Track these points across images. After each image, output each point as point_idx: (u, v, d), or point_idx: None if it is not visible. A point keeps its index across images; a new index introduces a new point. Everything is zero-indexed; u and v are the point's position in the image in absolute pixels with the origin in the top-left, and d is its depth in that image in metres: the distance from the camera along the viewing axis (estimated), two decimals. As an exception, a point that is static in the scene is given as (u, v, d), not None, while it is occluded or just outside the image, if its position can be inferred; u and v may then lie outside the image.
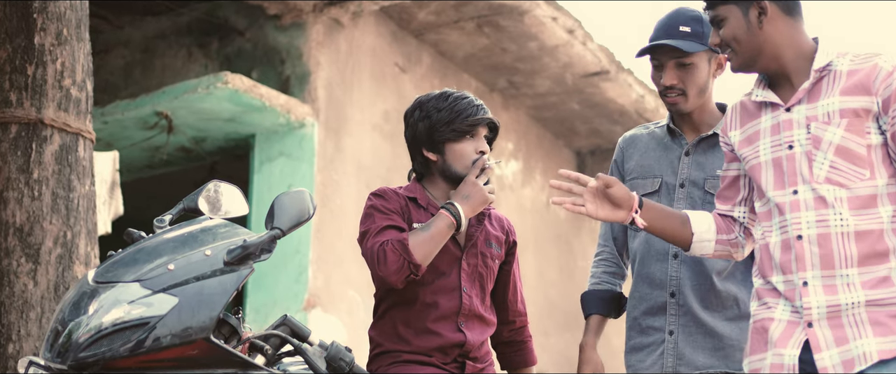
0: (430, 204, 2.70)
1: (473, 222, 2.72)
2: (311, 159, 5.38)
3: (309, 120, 5.39)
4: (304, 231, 5.31)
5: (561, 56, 6.25)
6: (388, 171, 5.82)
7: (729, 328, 2.74)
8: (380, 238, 2.56)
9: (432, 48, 6.20)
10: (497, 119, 2.75)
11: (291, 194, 2.15)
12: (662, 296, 2.77)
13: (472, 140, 2.70)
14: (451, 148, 2.70)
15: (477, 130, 2.70)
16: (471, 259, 2.68)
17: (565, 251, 7.24)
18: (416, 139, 2.75)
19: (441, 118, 2.71)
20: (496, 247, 2.73)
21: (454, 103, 2.70)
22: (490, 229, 2.74)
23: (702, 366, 2.73)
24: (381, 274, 2.50)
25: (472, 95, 2.75)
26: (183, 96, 5.14)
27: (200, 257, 2.05)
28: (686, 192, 2.77)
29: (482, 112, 2.70)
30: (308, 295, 5.24)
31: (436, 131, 2.70)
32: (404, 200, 2.70)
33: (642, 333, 2.80)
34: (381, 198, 2.69)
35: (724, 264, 2.76)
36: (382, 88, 5.88)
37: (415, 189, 2.74)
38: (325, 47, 5.57)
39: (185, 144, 5.67)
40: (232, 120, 5.40)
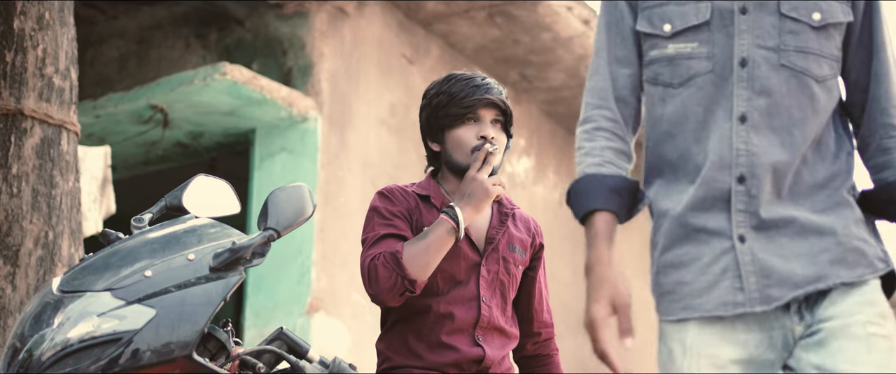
0: (444, 203, 2.44)
1: (495, 223, 2.45)
2: (314, 155, 5.11)
3: (312, 114, 5.13)
4: (307, 231, 5.05)
5: (576, 48, 5.98)
6: (395, 167, 5.55)
7: (831, 220, 1.75)
8: (374, 250, 2.30)
9: (441, 39, 5.93)
10: (500, 98, 2.46)
11: (288, 189, 1.88)
12: (725, 180, 1.76)
13: (474, 125, 2.43)
14: (451, 135, 2.44)
15: (477, 112, 2.43)
16: (491, 265, 2.40)
17: (578, 251, 6.96)
18: (422, 130, 2.50)
19: (439, 103, 2.45)
20: (520, 251, 2.46)
21: (452, 85, 2.44)
22: (513, 231, 2.47)
23: (803, 279, 1.72)
24: (371, 292, 2.24)
25: (480, 75, 2.48)
26: (179, 89, 4.87)
27: (183, 262, 1.79)
28: (751, 20, 1.79)
29: (481, 92, 2.42)
30: (311, 298, 4.97)
31: (434, 118, 2.45)
32: (415, 199, 2.43)
33: (690, 239, 1.82)
34: (385, 199, 2.41)
35: None
36: (389, 81, 5.61)
37: (428, 186, 2.47)
38: (329, 38, 5.31)
39: (181, 140, 5.40)
40: (231, 114, 5.14)
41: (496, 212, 2.49)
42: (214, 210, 2.03)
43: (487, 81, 2.47)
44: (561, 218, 6.83)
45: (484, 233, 2.43)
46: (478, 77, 2.47)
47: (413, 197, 2.43)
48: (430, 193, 2.45)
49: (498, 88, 2.49)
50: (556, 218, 6.76)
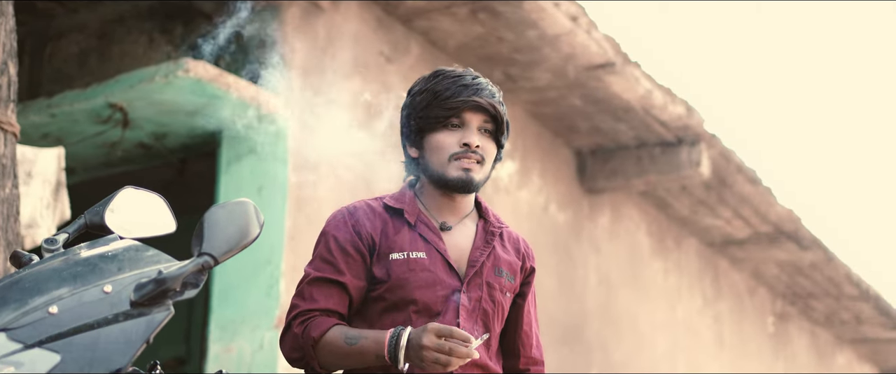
0: (420, 221, 2.13)
1: (479, 243, 2.14)
2: (284, 158, 4.79)
3: (282, 113, 4.80)
4: (277, 239, 4.73)
5: (563, 46, 5.67)
6: (372, 172, 5.22)
7: None
8: (300, 301, 2.06)
9: (421, 36, 5.62)
10: (491, 102, 2.16)
11: (229, 207, 1.56)
12: None
13: (457, 130, 2.13)
14: (430, 139, 2.16)
15: (463, 115, 2.13)
16: (473, 292, 2.10)
17: (564, 259, 6.67)
18: (401, 131, 2.23)
19: (421, 101, 2.15)
20: (508, 276, 2.15)
21: (438, 82, 2.14)
22: (500, 253, 2.16)
23: None
24: (279, 346, 2.02)
25: (471, 73, 2.18)
26: (139, 86, 4.54)
27: (97, 295, 1.47)
28: None
29: (469, 92, 2.12)
30: (280, 312, 4.65)
31: (414, 119, 2.17)
32: (383, 217, 2.12)
33: None
34: (342, 224, 2.12)
35: None
36: (366, 80, 5.29)
37: (404, 198, 2.17)
38: (302, 33, 4.99)
39: (144, 140, 5.07)
40: (196, 113, 4.81)
41: (481, 230, 2.19)
42: (144, 229, 1.72)
43: (478, 81, 2.17)
44: (546, 225, 6.53)
45: (465, 255, 2.13)
46: (468, 75, 2.17)
47: (381, 215, 2.12)
48: (405, 207, 2.14)
49: (491, 89, 2.18)
50: (540, 225, 6.46)
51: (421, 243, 2.11)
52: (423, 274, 2.07)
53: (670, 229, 7.80)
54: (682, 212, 7.67)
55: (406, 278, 2.07)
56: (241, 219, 1.56)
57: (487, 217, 2.22)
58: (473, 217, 2.22)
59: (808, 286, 9.06)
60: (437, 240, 2.13)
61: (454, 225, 2.17)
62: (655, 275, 7.61)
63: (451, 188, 2.15)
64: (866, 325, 9.94)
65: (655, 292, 7.59)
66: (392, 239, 2.10)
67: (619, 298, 7.19)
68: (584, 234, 6.91)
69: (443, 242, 2.13)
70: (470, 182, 2.13)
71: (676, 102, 6.32)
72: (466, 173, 2.13)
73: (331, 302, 2.03)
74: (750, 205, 7.51)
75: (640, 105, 6.27)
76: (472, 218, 2.22)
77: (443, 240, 2.14)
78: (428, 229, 2.14)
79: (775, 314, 9.35)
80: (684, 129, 6.53)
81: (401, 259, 2.08)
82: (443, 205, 2.17)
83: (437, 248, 2.11)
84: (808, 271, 8.65)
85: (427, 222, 2.15)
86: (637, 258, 7.41)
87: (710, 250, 8.30)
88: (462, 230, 2.18)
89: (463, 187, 2.13)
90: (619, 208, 7.27)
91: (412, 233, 2.12)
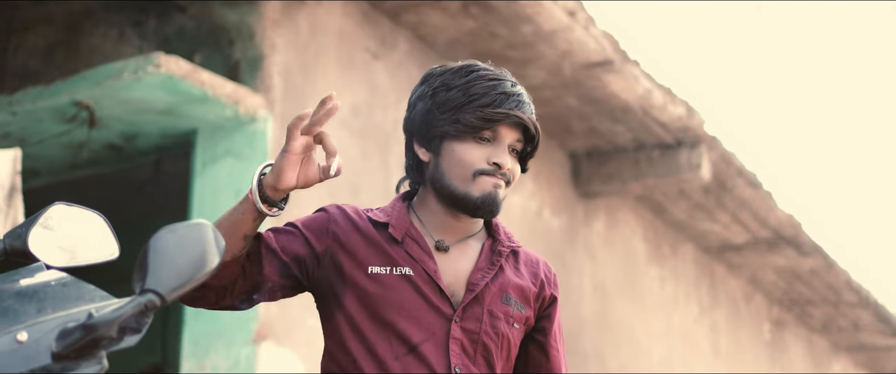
0: (410, 235, 1.81)
1: (482, 264, 1.83)
2: (262, 160, 4.46)
3: (261, 113, 4.49)
4: (254, 247, 4.40)
5: (559, 43, 5.37)
6: (358, 175, 4.92)
7: None
8: None
9: (410, 31, 5.31)
10: (532, 120, 1.86)
11: (180, 231, 1.25)
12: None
13: (486, 145, 1.81)
14: (450, 148, 1.81)
15: (497, 130, 1.81)
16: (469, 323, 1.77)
17: (559, 267, 6.37)
18: (410, 127, 1.87)
19: (448, 100, 1.82)
20: (518, 304, 1.83)
21: (473, 82, 1.81)
22: (511, 276, 1.84)
23: None
24: None
25: (509, 78, 1.87)
26: (105, 83, 4.21)
27: (9, 345, 1.15)
28: None
29: (511, 104, 1.80)
30: (258, 325, 4.33)
31: (435, 118, 1.81)
32: (363, 226, 1.81)
33: None
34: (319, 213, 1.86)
35: None
36: (350, 77, 4.98)
37: (393, 211, 1.84)
38: (283, 27, 4.67)
39: (113, 141, 4.74)
40: (168, 112, 4.48)
41: (486, 249, 1.87)
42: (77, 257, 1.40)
43: (519, 91, 1.86)
44: (539, 231, 6.23)
45: (463, 277, 1.80)
46: (507, 81, 1.85)
47: (361, 223, 1.81)
48: (392, 220, 1.83)
49: (530, 103, 1.88)
50: (533, 231, 6.16)
51: (406, 260, 1.80)
52: (403, 294, 1.76)
53: (666, 235, 7.52)
54: (679, 217, 7.40)
55: (381, 297, 1.76)
56: (196, 246, 1.24)
57: (497, 234, 1.90)
58: (480, 237, 1.89)
59: (807, 293, 8.81)
60: (425, 258, 1.81)
61: (453, 244, 1.85)
62: (652, 282, 7.33)
63: (469, 209, 1.81)
64: (864, 332, 9.71)
65: (652, 300, 7.32)
66: (375, 252, 1.79)
67: (615, 306, 6.91)
68: (579, 240, 6.61)
69: (433, 261, 1.81)
70: (496, 203, 1.81)
71: (676, 103, 6.03)
72: (492, 197, 1.80)
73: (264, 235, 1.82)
74: (749, 210, 7.24)
75: (638, 105, 5.98)
76: (478, 238, 1.89)
77: (434, 259, 1.82)
78: (416, 246, 1.82)
79: (772, 321, 9.10)
80: (684, 130, 6.24)
81: (382, 274, 1.78)
82: (444, 224, 1.85)
83: (424, 267, 1.79)
84: (807, 277, 8.40)
85: (418, 237, 1.83)
86: (633, 265, 7.13)
87: (706, 256, 8.03)
88: (463, 251, 1.85)
89: (488, 209, 1.80)
90: (614, 212, 6.98)
91: (396, 248, 1.80)
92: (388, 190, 4.97)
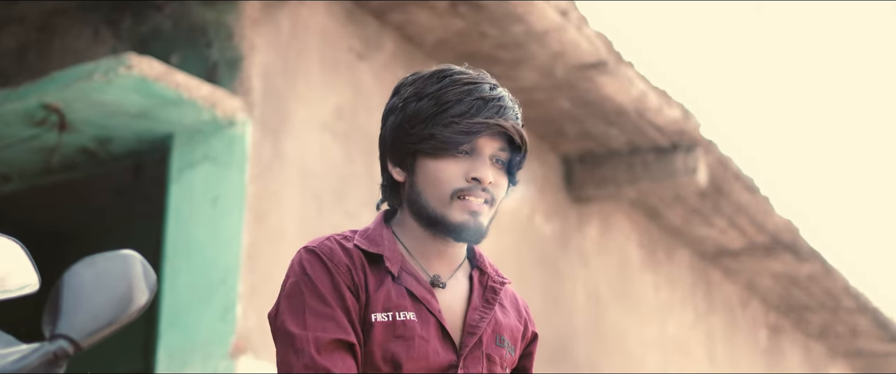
0: (405, 269, 1.61)
1: (478, 303, 1.63)
2: (241, 165, 4.28)
3: (240, 116, 4.30)
4: (232, 257, 4.22)
5: (551, 43, 5.19)
6: (341, 180, 4.73)
7: None
8: (319, 358, 1.50)
9: (396, 31, 5.12)
10: (516, 126, 1.67)
11: (100, 264, 1.06)
12: None
13: (464, 159, 1.61)
14: (425, 166, 1.62)
15: (475, 142, 1.62)
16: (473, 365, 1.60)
17: (551, 274, 6.19)
18: (382, 144, 1.68)
19: (419, 111, 1.62)
20: (509, 346, 1.65)
21: (445, 89, 1.62)
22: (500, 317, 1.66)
23: None
24: None
25: (487, 81, 1.67)
26: (76, 85, 4.02)
27: None
28: None
29: (490, 111, 1.60)
30: (236, 338, 4.15)
31: (405, 133, 1.62)
32: (359, 260, 1.60)
33: None
34: (320, 264, 1.58)
35: None
36: (334, 79, 4.79)
37: (380, 237, 1.64)
38: (263, 27, 4.48)
39: (87, 145, 4.55)
40: (142, 116, 4.29)
41: (478, 285, 1.68)
42: (-12, 291, 1.22)
43: (499, 95, 1.66)
44: (531, 237, 6.05)
45: (459, 317, 1.62)
46: (485, 83, 1.66)
47: (357, 256, 1.60)
48: (384, 250, 1.62)
49: (514, 106, 1.69)
50: (525, 237, 5.98)
51: (408, 301, 1.59)
52: (414, 342, 1.55)
53: (661, 240, 7.35)
54: (675, 222, 7.23)
55: (393, 349, 1.55)
56: (119, 283, 1.06)
57: (484, 268, 1.71)
58: (466, 269, 1.70)
59: (804, 299, 8.65)
60: (429, 297, 1.61)
61: (447, 279, 1.66)
62: (646, 289, 7.16)
63: (450, 234, 1.62)
64: (862, 338, 9.57)
65: (646, 307, 7.14)
66: (372, 295, 1.57)
67: (609, 314, 6.73)
68: (572, 246, 6.44)
69: (436, 300, 1.61)
70: (478, 230, 1.60)
71: (672, 106, 5.85)
72: (474, 219, 1.60)
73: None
74: (746, 214, 7.08)
75: (633, 108, 5.80)
76: (464, 270, 1.70)
77: (436, 298, 1.62)
78: (416, 282, 1.61)
79: (768, 327, 8.95)
80: (680, 134, 6.07)
81: (385, 322, 1.56)
82: (431, 251, 1.65)
83: (429, 308, 1.59)
84: (804, 282, 8.24)
85: (413, 271, 1.63)
86: (627, 272, 6.96)
87: (702, 262, 7.87)
88: (455, 286, 1.66)
89: (468, 235, 1.61)
90: (608, 218, 6.81)
91: (396, 286, 1.59)
92: (374, 196, 4.77)
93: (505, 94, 1.65)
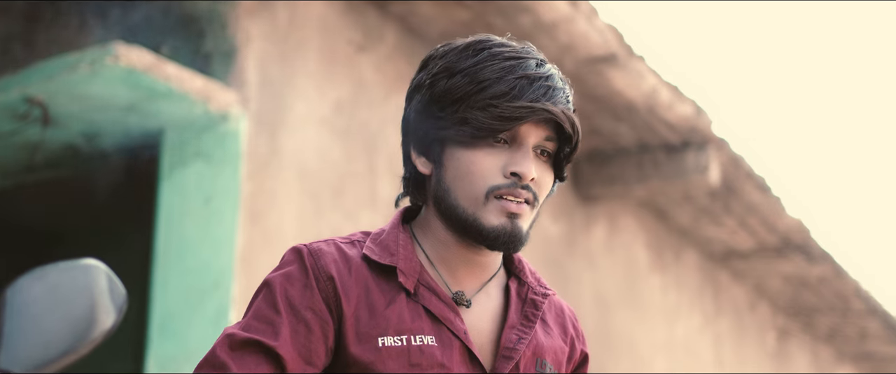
0: (423, 282, 1.35)
1: (515, 320, 1.38)
2: (236, 162, 4.05)
3: (234, 111, 4.07)
4: (226, 259, 3.99)
5: (560, 35, 4.97)
6: (341, 179, 4.51)
7: None
8: (221, 352, 1.29)
9: (398, 22, 4.90)
10: (567, 112, 1.41)
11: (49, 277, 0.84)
12: None
13: (501, 149, 1.36)
14: (455, 157, 1.36)
15: (517, 130, 1.35)
16: None
17: (559, 277, 5.98)
18: (405, 128, 1.42)
19: (451, 90, 1.35)
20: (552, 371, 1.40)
21: (482, 65, 1.38)
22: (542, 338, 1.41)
23: None
24: None
25: (534, 55, 1.44)
26: (59, 77, 3.79)
27: None
28: None
29: (536, 93, 1.34)
30: (229, 345, 3.91)
31: (433, 116, 1.37)
32: (360, 271, 1.34)
33: None
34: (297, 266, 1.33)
35: None
36: (333, 72, 4.57)
37: (395, 243, 1.38)
38: (259, 17, 4.26)
39: (72, 141, 4.32)
40: (131, 109, 4.07)
41: (516, 298, 1.42)
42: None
43: (548, 72, 1.43)
44: (536, 238, 5.83)
45: (490, 337, 1.37)
46: (532, 59, 1.42)
47: (359, 270, 1.35)
48: (398, 261, 1.36)
49: (564, 87, 1.45)
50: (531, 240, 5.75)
51: (427, 322, 1.35)
52: (432, 371, 1.31)
53: (669, 241, 7.14)
54: (683, 222, 7.01)
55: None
56: (77, 302, 0.83)
57: (523, 276, 1.47)
58: (500, 279, 1.46)
59: (814, 301, 8.44)
60: (451, 316, 1.36)
61: (474, 295, 1.41)
62: (654, 292, 6.94)
63: (482, 241, 1.38)
64: (871, 340, 9.37)
65: (654, 310, 6.93)
66: (380, 314, 1.32)
67: (616, 316, 6.52)
68: (579, 247, 6.22)
69: (461, 319, 1.37)
70: (516, 237, 1.36)
71: (684, 102, 5.64)
72: (512, 223, 1.36)
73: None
74: (757, 215, 6.86)
75: (643, 104, 5.58)
76: (498, 281, 1.46)
77: (461, 317, 1.37)
78: (436, 298, 1.37)
79: (776, 329, 8.75)
80: (691, 131, 5.85)
81: (397, 347, 1.31)
82: (457, 259, 1.40)
83: (452, 329, 1.35)
84: (815, 285, 8.03)
85: (433, 286, 1.38)
86: (635, 274, 6.74)
87: (710, 263, 7.66)
88: (485, 301, 1.42)
89: (504, 243, 1.37)
90: (616, 218, 6.59)
91: (411, 304, 1.35)
92: (375, 195, 4.57)
93: (554, 72, 1.41)
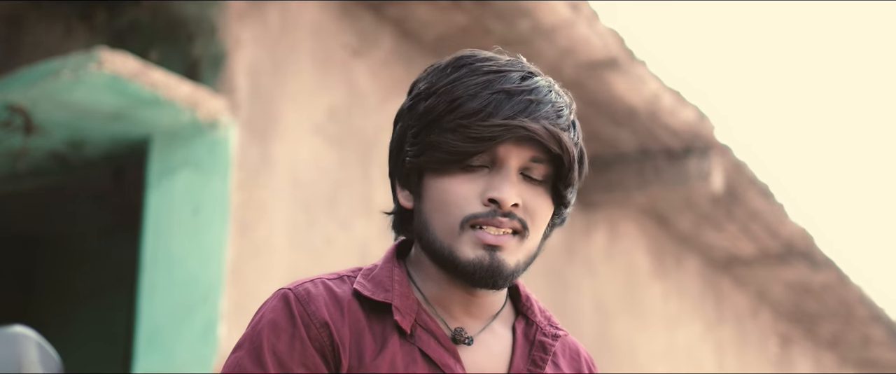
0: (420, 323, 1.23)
1: (522, 366, 1.26)
2: (225, 172, 3.93)
3: (224, 118, 3.94)
4: (215, 271, 3.87)
5: (560, 39, 4.85)
6: (334, 188, 4.38)
7: None
8: None
9: (394, 26, 4.77)
10: (552, 130, 1.26)
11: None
12: None
13: (479, 175, 1.23)
14: (431, 186, 1.24)
15: (495, 151, 1.22)
16: None
17: (557, 285, 5.85)
18: (391, 159, 1.31)
19: (427, 112, 1.22)
20: None
21: (460, 81, 1.24)
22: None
23: None
24: None
25: (520, 67, 1.31)
26: (42, 83, 3.66)
27: None
28: None
29: (514, 108, 1.22)
30: (218, 360, 3.80)
31: (409, 145, 1.25)
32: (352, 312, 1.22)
33: None
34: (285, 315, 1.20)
35: None
36: (327, 78, 4.44)
37: (387, 278, 1.26)
38: (250, 21, 4.13)
39: (57, 149, 4.19)
40: (117, 117, 3.94)
41: (522, 340, 1.30)
42: None
43: (533, 85, 1.30)
44: (536, 246, 5.71)
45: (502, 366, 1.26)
46: (515, 72, 1.29)
47: (351, 309, 1.22)
48: (393, 297, 1.24)
49: (556, 101, 1.32)
50: (531, 247, 5.64)
51: (422, 366, 1.23)
52: None
53: (670, 248, 7.01)
54: (684, 228, 6.89)
55: None
56: None
57: (531, 316, 1.34)
58: (507, 316, 1.34)
59: (817, 308, 8.33)
60: (450, 362, 1.24)
61: (477, 334, 1.29)
62: (655, 299, 6.82)
63: (459, 276, 1.25)
64: (874, 347, 9.26)
65: (655, 317, 6.81)
66: (371, 359, 1.20)
67: (617, 325, 6.40)
68: (579, 255, 6.09)
69: (461, 365, 1.25)
70: (497, 271, 1.22)
71: (686, 107, 5.51)
72: (491, 255, 1.22)
73: None
74: (760, 221, 6.74)
75: (645, 109, 5.45)
76: (504, 319, 1.33)
77: (461, 362, 1.26)
78: (433, 340, 1.25)
79: (779, 336, 8.63)
80: (694, 137, 5.73)
81: None
82: (452, 299, 1.28)
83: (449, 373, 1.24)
84: (818, 291, 7.92)
85: (431, 326, 1.26)
86: (635, 281, 6.62)
87: (711, 270, 7.54)
88: (491, 342, 1.29)
89: (484, 279, 1.23)
90: (616, 225, 6.47)
91: (406, 347, 1.23)
92: (370, 204, 4.44)
93: (542, 84, 1.28)
